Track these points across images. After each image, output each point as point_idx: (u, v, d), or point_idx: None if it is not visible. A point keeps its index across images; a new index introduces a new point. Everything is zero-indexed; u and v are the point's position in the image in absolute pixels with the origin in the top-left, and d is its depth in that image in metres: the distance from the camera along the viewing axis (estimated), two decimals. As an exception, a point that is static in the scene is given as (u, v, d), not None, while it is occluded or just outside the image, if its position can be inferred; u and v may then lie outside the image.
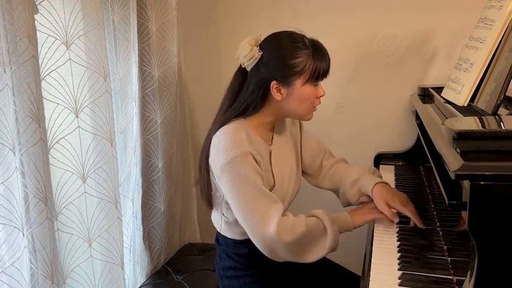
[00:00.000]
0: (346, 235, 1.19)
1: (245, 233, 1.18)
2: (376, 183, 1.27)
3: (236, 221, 1.19)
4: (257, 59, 1.17)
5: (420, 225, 1.19)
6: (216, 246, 1.37)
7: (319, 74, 1.17)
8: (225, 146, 1.15)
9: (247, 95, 1.20)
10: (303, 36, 1.18)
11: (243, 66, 1.21)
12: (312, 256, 1.16)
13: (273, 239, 1.11)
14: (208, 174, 1.23)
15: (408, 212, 1.20)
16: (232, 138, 1.15)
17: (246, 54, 1.17)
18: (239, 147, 1.14)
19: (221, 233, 1.30)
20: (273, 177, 1.26)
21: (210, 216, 1.34)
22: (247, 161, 1.14)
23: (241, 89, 1.22)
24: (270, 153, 1.28)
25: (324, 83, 1.23)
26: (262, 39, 1.21)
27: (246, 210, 1.14)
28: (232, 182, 1.14)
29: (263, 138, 1.26)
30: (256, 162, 1.17)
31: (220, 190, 1.19)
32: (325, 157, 1.44)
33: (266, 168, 1.23)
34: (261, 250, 1.15)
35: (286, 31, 1.21)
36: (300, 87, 1.17)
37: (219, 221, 1.29)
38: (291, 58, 1.15)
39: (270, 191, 1.21)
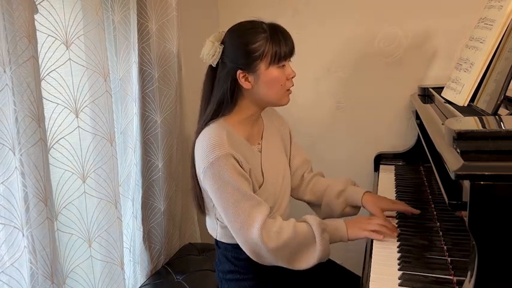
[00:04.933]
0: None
1: None
2: (364, 192, 1.31)
3: None
4: (220, 54, 1.17)
5: (415, 212, 1.28)
6: (215, 249, 1.36)
7: (281, 55, 1.16)
8: (205, 148, 1.14)
9: (218, 92, 1.20)
10: (260, 22, 1.18)
11: (210, 64, 1.21)
12: (301, 264, 1.13)
13: (256, 243, 1.09)
14: (198, 180, 1.21)
15: (399, 207, 1.30)
16: (212, 140, 1.14)
17: (209, 51, 1.18)
18: (219, 149, 1.12)
19: (218, 239, 1.28)
20: (262, 174, 1.24)
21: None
22: (228, 163, 1.12)
23: (213, 87, 1.22)
24: (260, 152, 1.27)
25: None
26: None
27: (229, 213, 1.12)
28: (214, 186, 1.13)
29: (247, 137, 1.24)
30: (238, 163, 1.15)
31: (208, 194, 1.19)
32: (307, 170, 1.44)
33: (254, 166, 1.22)
34: (248, 254, 1.14)
35: (244, 21, 1.21)
36: (265, 71, 1.16)
37: (214, 226, 1.27)
38: (249, 44, 1.15)
39: (259, 188, 1.21)
